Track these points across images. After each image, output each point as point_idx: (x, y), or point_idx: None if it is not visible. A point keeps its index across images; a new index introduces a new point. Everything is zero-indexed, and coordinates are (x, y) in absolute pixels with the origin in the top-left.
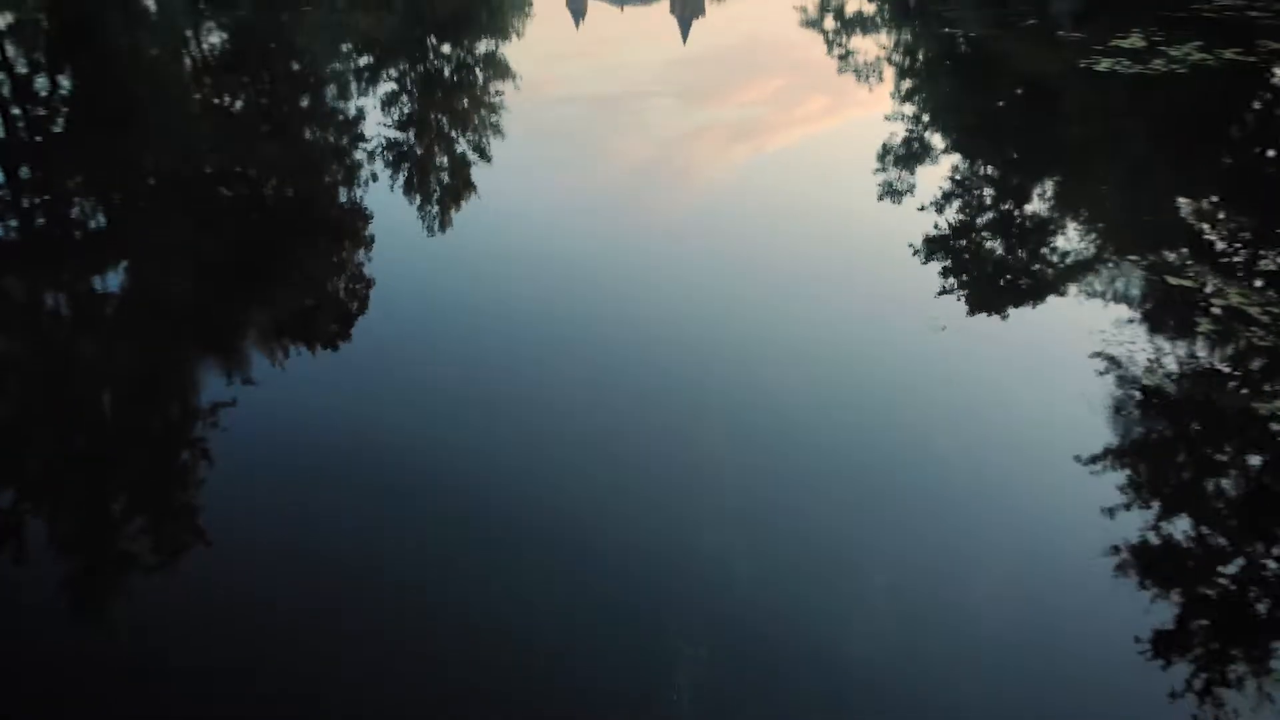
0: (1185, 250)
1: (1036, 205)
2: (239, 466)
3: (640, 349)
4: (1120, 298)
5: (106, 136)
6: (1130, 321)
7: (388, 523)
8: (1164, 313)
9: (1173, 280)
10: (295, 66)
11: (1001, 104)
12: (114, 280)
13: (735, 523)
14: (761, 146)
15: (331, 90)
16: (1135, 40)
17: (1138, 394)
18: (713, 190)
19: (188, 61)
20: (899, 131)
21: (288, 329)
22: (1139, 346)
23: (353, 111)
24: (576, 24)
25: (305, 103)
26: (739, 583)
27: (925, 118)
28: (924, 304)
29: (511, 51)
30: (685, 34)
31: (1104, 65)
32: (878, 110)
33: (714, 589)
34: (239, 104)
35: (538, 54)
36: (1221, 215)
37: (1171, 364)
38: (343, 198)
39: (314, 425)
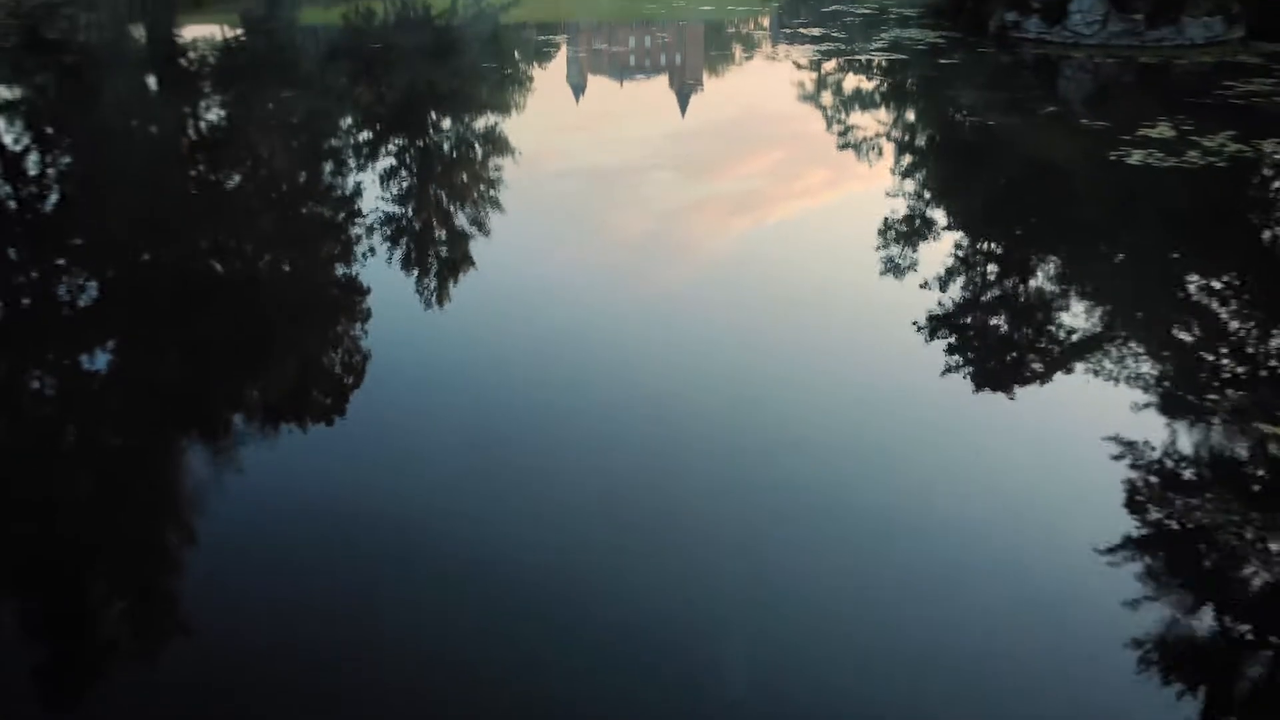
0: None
1: (1076, 312)
2: (234, 543)
3: (640, 420)
4: (1135, 380)
5: (91, 212)
6: (1146, 406)
7: (387, 595)
8: (1181, 396)
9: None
10: (293, 142)
11: (1027, 197)
12: (105, 359)
13: (737, 592)
14: (761, 220)
15: (330, 167)
16: (1164, 130)
17: (1155, 479)
18: (713, 263)
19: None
20: (907, 213)
21: (284, 403)
22: (1155, 430)
23: (350, 187)
24: (576, 98)
25: (303, 179)
26: (741, 655)
27: (935, 202)
28: (929, 382)
29: (512, 125)
30: (684, 107)
31: (1136, 158)
32: (878, 186)
33: (715, 661)
34: (233, 181)
35: (538, 128)
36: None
37: (1187, 447)
38: (340, 272)
39: (312, 499)
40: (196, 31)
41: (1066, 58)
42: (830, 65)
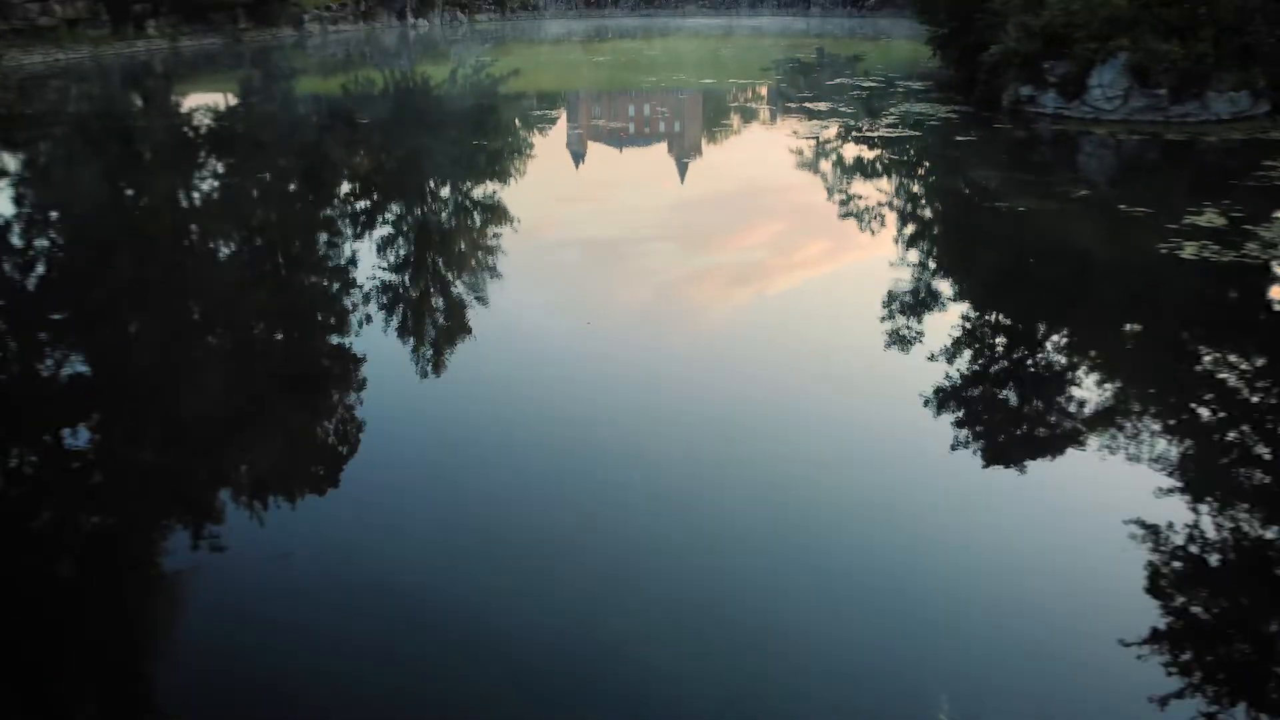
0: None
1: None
2: (223, 621)
3: (642, 493)
4: (1156, 461)
5: (74, 284)
6: (1171, 491)
7: (387, 669)
8: (1208, 479)
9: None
10: (287, 213)
11: (1072, 298)
12: (86, 435)
13: (744, 670)
14: (763, 290)
15: (326, 236)
16: (1212, 217)
17: (1180, 565)
18: (714, 334)
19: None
20: (939, 318)
21: (275, 476)
22: (1179, 513)
23: (347, 256)
24: (576, 165)
25: (297, 250)
26: None
27: (969, 303)
28: (937, 458)
29: (512, 194)
30: (683, 175)
31: (1189, 250)
32: (900, 275)
33: None
34: (225, 252)
35: (538, 196)
36: None
37: (1211, 531)
38: (335, 341)
39: (305, 574)
40: (192, 101)
41: (1087, 134)
42: (839, 140)
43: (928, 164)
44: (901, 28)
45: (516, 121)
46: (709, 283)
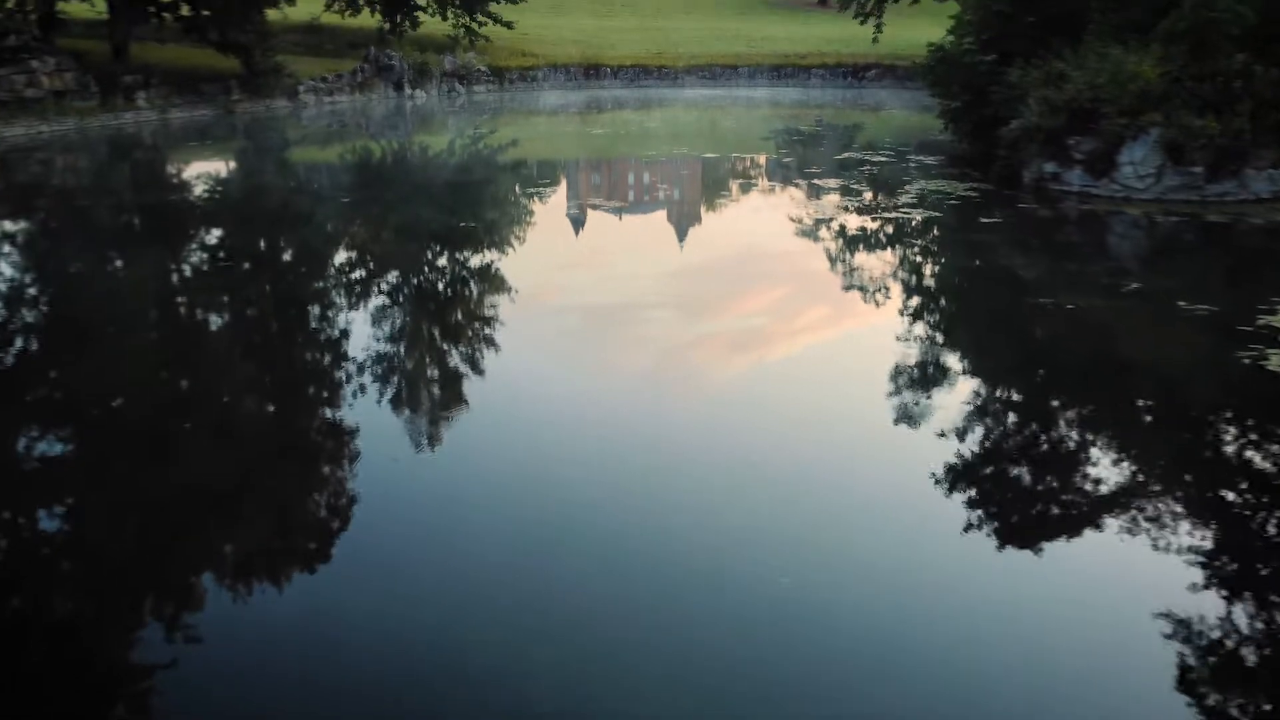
0: None
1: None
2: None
3: (642, 568)
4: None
5: (56, 362)
6: (1206, 586)
7: None
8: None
9: None
10: (281, 285)
11: (1154, 427)
12: (59, 521)
13: None
14: (763, 358)
15: (320, 308)
16: None
17: (1219, 662)
18: (716, 401)
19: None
20: (983, 450)
21: (264, 553)
22: (1213, 608)
23: (341, 327)
24: (576, 231)
25: (291, 322)
26: None
27: (1015, 422)
28: (948, 540)
29: (511, 261)
30: (682, 241)
31: (1276, 361)
32: (887, 327)
33: None
34: (217, 325)
35: (537, 263)
36: None
37: (1245, 626)
38: (328, 414)
39: (294, 662)
40: (184, 171)
41: (1119, 214)
42: (854, 219)
43: (954, 250)
44: (902, 99)
45: (516, 188)
46: (711, 349)
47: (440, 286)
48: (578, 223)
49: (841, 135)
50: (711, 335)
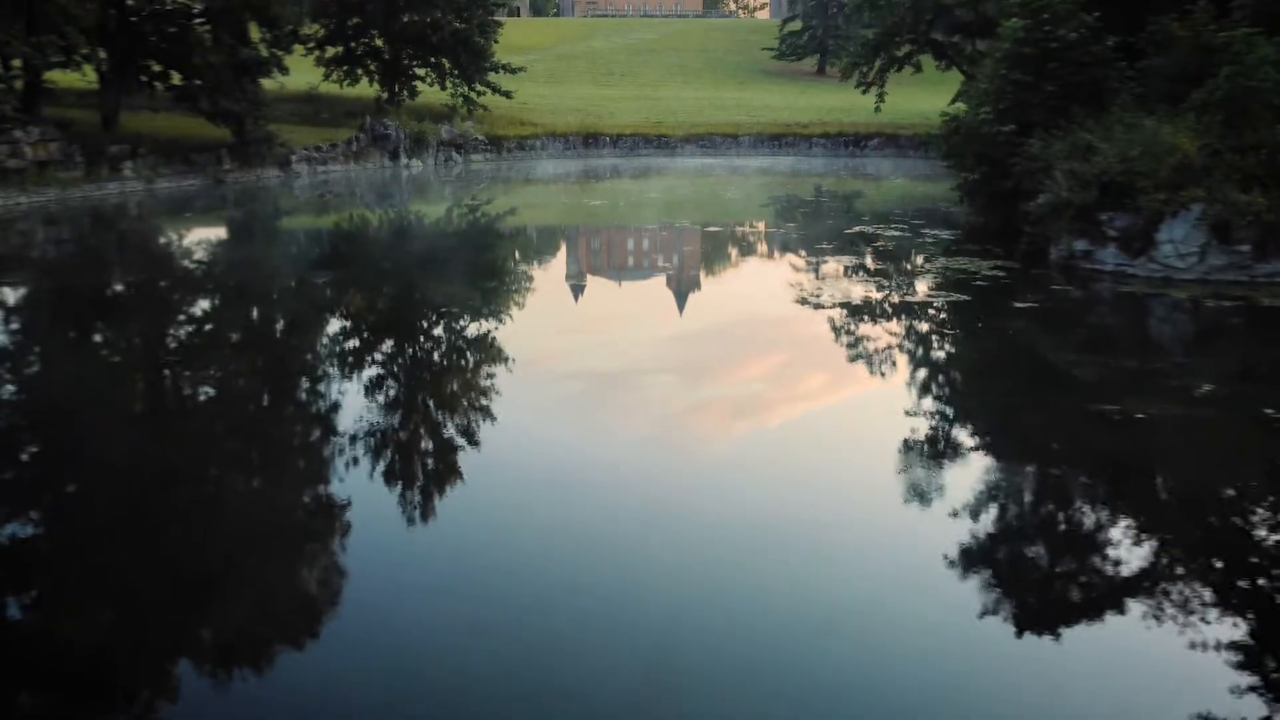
0: None
1: None
2: None
3: (642, 644)
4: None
5: (32, 440)
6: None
7: None
8: None
9: None
10: (270, 358)
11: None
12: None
13: None
14: (762, 424)
15: (313, 381)
16: None
17: None
18: (717, 469)
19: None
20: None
21: (248, 635)
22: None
23: (346, 396)
24: (576, 298)
25: (283, 395)
26: None
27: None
28: (963, 625)
29: (511, 328)
30: (681, 307)
31: None
32: (931, 445)
33: None
34: (203, 398)
35: (537, 330)
36: None
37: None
38: (319, 489)
39: None
40: (174, 241)
41: (1160, 296)
42: (876, 304)
43: (992, 341)
44: (904, 168)
45: (516, 254)
46: (712, 415)
47: (438, 355)
48: (577, 289)
49: (848, 205)
50: (713, 401)
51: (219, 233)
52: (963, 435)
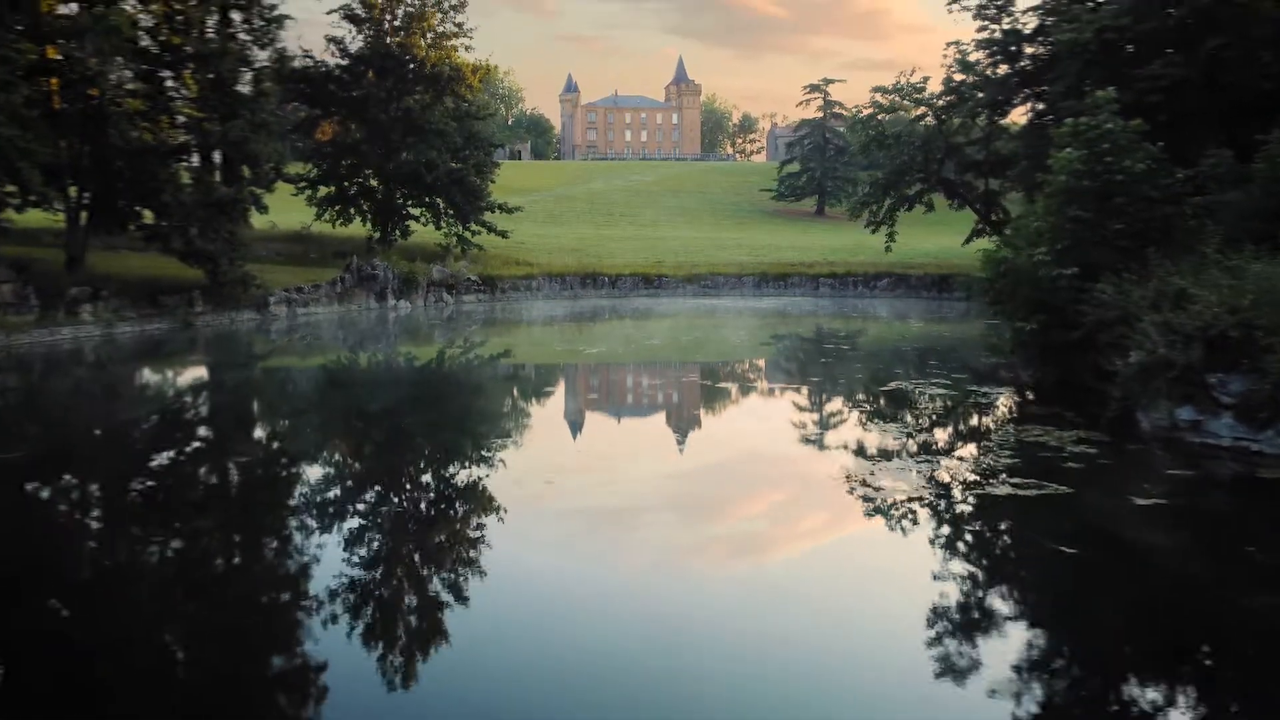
0: None
1: None
2: None
3: None
4: None
5: None
6: None
7: None
8: None
9: None
10: (250, 506)
11: None
12: None
13: None
14: (761, 563)
15: (304, 532)
16: None
17: None
18: (717, 605)
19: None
20: None
21: None
22: None
23: (330, 544)
24: (574, 435)
25: (270, 548)
26: None
27: None
28: None
29: (509, 466)
30: (682, 445)
31: None
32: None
33: None
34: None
35: (536, 468)
36: None
37: None
38: (308, 643)
39: None
40: (153, 379)
41: None
42: (950, 503)
43: (1149, 585)
44: (918, 309)
45: (514, 392)
46: (712, 554)
47: (434, 496)
48: (576, 427)
49: (874, 354)
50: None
51: (173, 380)
52: None
